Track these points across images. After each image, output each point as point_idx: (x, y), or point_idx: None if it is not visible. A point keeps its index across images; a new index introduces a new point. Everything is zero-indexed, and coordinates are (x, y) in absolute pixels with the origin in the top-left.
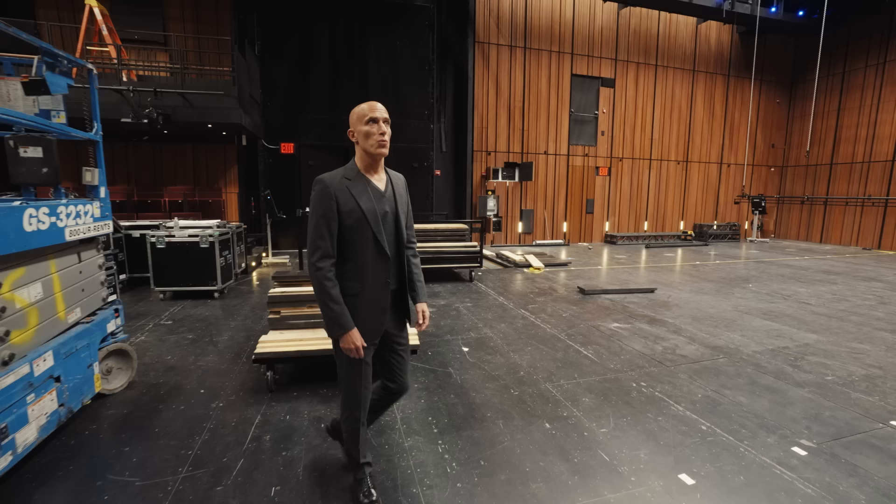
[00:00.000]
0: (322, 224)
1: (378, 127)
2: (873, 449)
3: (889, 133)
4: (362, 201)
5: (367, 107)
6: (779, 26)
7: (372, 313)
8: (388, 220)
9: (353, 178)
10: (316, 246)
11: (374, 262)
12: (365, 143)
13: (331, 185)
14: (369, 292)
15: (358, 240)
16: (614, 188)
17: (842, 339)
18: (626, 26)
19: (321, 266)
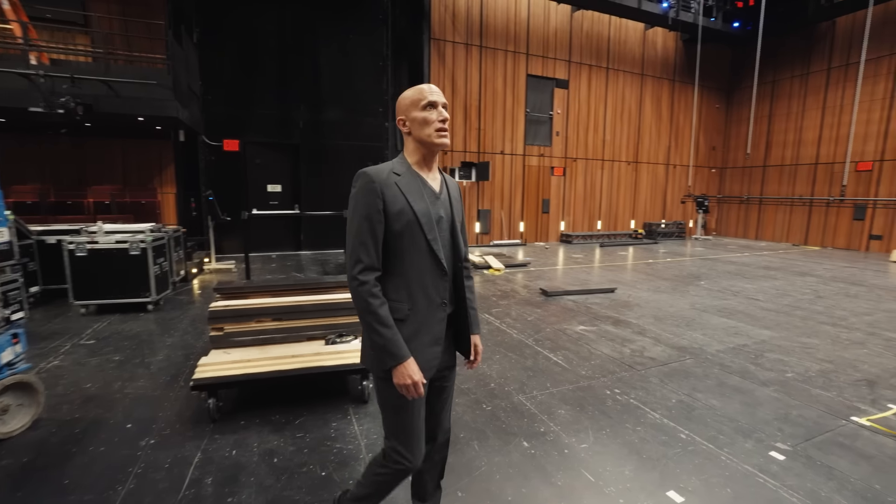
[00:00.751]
0: (365, 228)
1: (438, 112)
2: (842, 448)
3: (812, 138)
4: (415, 201)
5: (422, 90)
6: (717, 36)
7: (424, 343)
8: (444, 227)
9: (404, 173)
10: (357, 256)
11: (428, 278)
12: (421, 133)
13: (377, 179)
14: (421, 316)
15: (408, 249)
16: (569, 188)
17: (792, 334)
18: (579, 29)
19: (365, 280)
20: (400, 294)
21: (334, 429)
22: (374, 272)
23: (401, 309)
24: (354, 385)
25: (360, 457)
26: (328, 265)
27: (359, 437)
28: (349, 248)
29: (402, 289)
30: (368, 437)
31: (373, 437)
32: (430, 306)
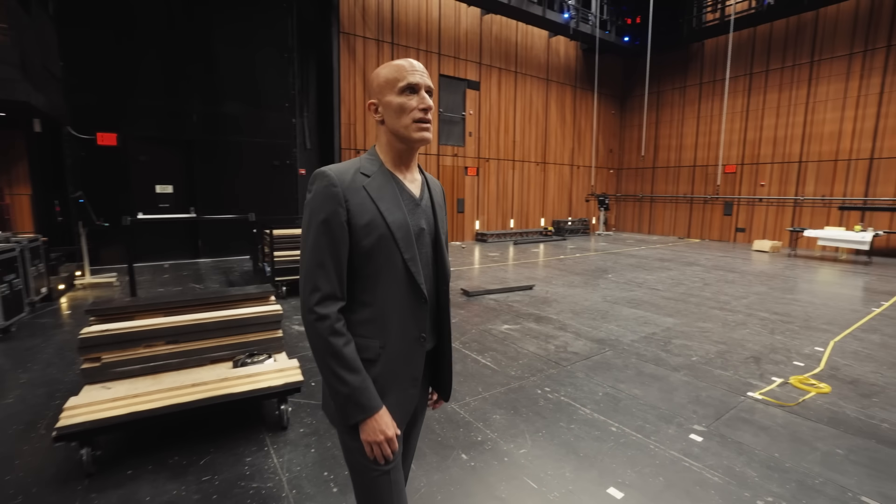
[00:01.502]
0: (323, 245)
1: (419, 98)
2: (745, 423)
3: (691, 144)
4: (389, 210)
5: (401, 67)
6: (611, 48)
7: (399, 386)
8: (425, 241)
9: (375, 174)
10: (314, 283)
11: (405, 308)
12: (396, 123)
13: (339, 181)
14: (396, 354)
15: (379, 271)
16: (483, 188)
17: (690, 319)
18: (488, 32)
19: (324, 313)
20: (369, 328)
21: (249, 465)
22: (337, 302)
23: (370, 346)
24: (271, 410)
25: (282, 495)
26: (232, 274)
27: (279, 470)
28: (304, 271)
29: (373, 321)
30: (291, 470)
31: (296, 470)
32: (406, 342)
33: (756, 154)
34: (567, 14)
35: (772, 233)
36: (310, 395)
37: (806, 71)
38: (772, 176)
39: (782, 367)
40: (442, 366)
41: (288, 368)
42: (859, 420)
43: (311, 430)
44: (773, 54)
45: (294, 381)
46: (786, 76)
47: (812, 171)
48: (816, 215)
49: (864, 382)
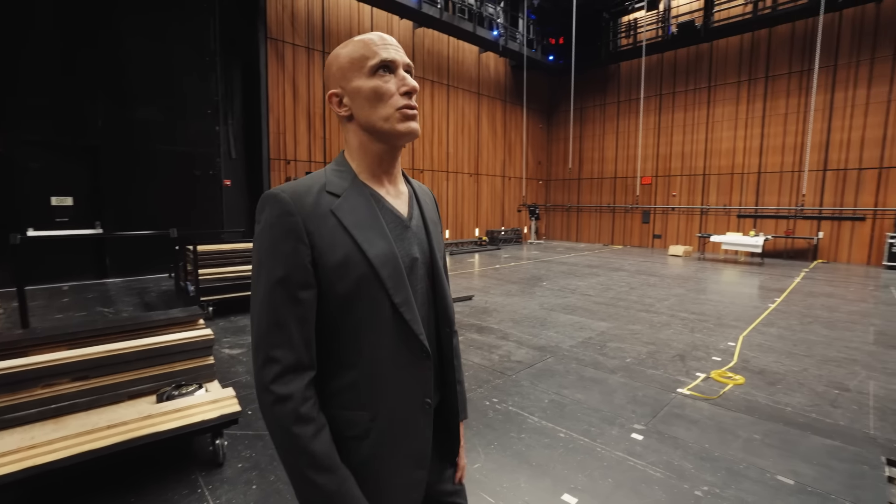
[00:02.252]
0: (279, 300)
1: (399, 79)
2: (678, 418)
3: (611, 157)
4: (369, 241)
5: (369, 42)
6: (538, 65)
7: (400, 470)
8: (419, 274)
9: (347, 192)
10: (267, 351)
11: (400, 366)
12: (372, 114)
13: (297, 208)
14: (391, 428)
15: (363, 322)
16: None
17: (621, 322)
18: (421, 45)
19: (284, 393)
20: (354, 396)
21: None
22: (301, 374)
23: (357, 421)
24: (204, 446)
25: None
26: (148, 294)
27: None
28: (255, 334)
29: (358, 387)
30: None
31: None
32: (405, 410)
33: (668, 167)
34: (496, 31)
35: (684, 238)
36: (247, 426)
37: (705, 94)
38: (681, 187)
39: (703, 363)
40: (449, 429)
41: (222, 399)
42: (769, 406)
43: (250, 465)
44: (678, 78)
45: (230, 412)
46: (689, 98)
47: (714, 183)
48: (719, 222)
49: (769, 371)
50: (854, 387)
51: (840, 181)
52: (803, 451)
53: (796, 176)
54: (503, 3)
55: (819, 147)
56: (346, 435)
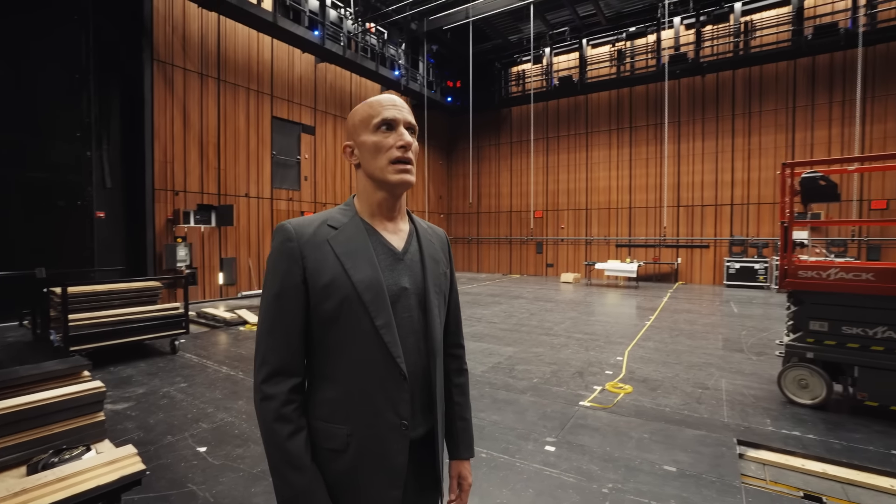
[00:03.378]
0: (274, 311)
1: (397, 135)
2: (582, 428)
3: (507, 192)
4: (355, 268)
5: (375, 103)
6: (437, 105)
7: (374, 487)
8: (408, 303)
9: (345, 226)
10: (262, 355)
11: (378, 387)
12: (372, 165)
13: (297, 236)
14: (368, 446)
15: (346, 341)
16: None
17: (525, 346)
18: (323, 79)
19: (270, 393)
20: (335, 411)
21: None
22: (288, 379)
23: (336, 434)
24: None
25: None
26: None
27: None
28: (256, 339)
29: (339, 403)
30: None
31: None
32: (381, 429)
33: (556, 202)
34: (398, 72)
35: (573, 266)
36: (147, 487)
37: (584, 139)
38: (569, 220)
39: (598, 377)
40: (433, 460)
41: (121, 458)
42: (653, 409)
43: None
44: (561, 124)
45: (132, 471)
46: (571, 141)
47: (595, 216)
48: (601, 251)
49: (651, 379)
50: (711, 385)
51: (690, 215)
52: (680, 442)
53: (658, 211)
54: (404, 46)
55: (673, 187)
56: (326, 447)
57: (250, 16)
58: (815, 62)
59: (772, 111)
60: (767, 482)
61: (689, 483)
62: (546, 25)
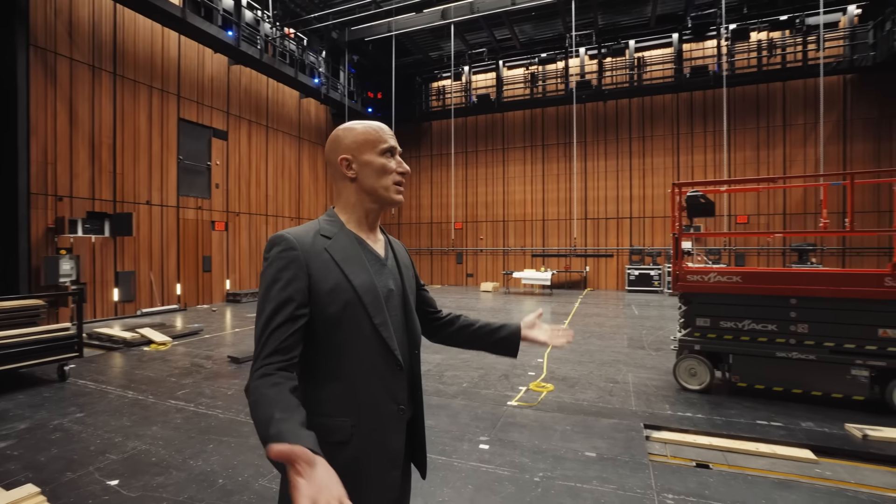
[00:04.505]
0: (281, 315)
1: (398, 162)
2: (512, 425)
3: (428, 204)
4: (354, 273)
5: (380, 130)
6: (359, 116)
7: (378, 470)
8: (394, 303)
9: (337, 236)
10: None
11: (379, 378)
12: (376, 183)
13: (300, 245)
14: (371, 433)
15: (348, 341)
16: (233, 243)
17: (453, 353)
18: (237, 83)
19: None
20: (338, 405)
21: None
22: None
23: (341, 427)
24: None
25: None
26: None
27: None
28: (256, 341)
29: (342, 397)
30: None
31: None
32: (383, 416)
33: (476, 214)
34: (318, 79)
35: (492, 276)
36: None
37: (500, 154)
38: (487, 231)
39: (522, 378)
40: (418, 438)
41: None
42: (572, 403)
43: None
44: (480, 139)
45: None
46: (489, 156)
47: (512, 228)
48: (518, 261)
49: (569, 377)
50: (620, 379)
51: (596, 227)
52: (598, 430)
53: (568, 223)
54: (325, 54)
55: (581, 201)
56: (331, 440)
57: (155, 8)
58: (693, 97)
59: (661, 136)
60: (668, 457)
61: (607, 465)
62: (465, 45)
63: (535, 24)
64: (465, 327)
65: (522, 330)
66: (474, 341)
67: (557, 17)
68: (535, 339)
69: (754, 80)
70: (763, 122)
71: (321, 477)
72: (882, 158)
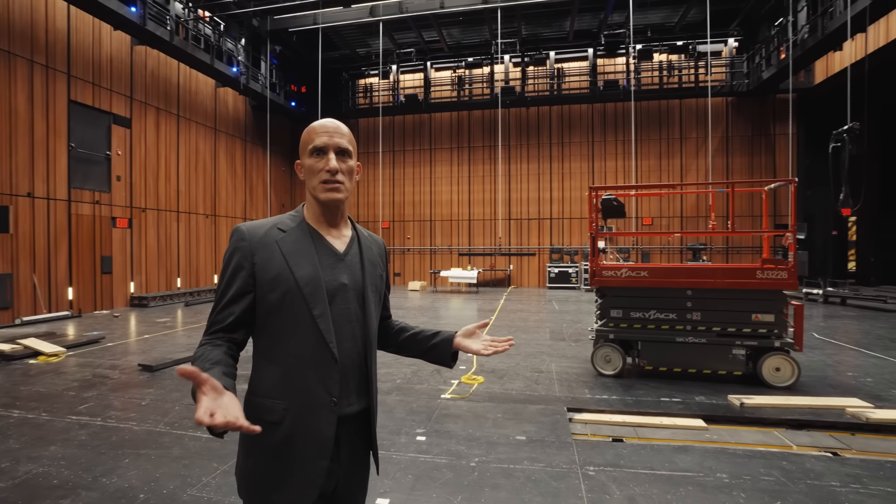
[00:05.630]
0: (225, 298)
1: (326, 160)
2: (447, 416)
3: (354, 202)
4: (298, 265)
5: (311, 129)
6: (281, 109)
7: (303, 456)
8: (347, 298)
9: (292, 229)
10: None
11: (311, 368)
12: (309, 184)
13: (249, 237)
14: (300, 419)
15: (287, 327)
16: (139, 243)
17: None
18: (142, 65)
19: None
20: (275, 388)
21: None
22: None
23: (275, 408)
24: None
25: None
26: None
27: None
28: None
29: (277, 381)
30: None
31: None
32: (313, 405)
33: (403, 213)
34: (236, 68)
35: (419, 275)
36: None
37: (428, 154)
38: (414, 231)
39: (454, 372)
40: (369, 432)
41: None
42: (502, 393)
43: None
44: (407, 139)
45: None
46: (416, 156)
47: (439, 228)
48: (445, 260)
49: (498, 370)
50: (545, 369)
51: (519, 227)
52: (527, 416)
53: (493, 223)
54: (244, 42)
55: (506, 202)
56: (265, 419)
57: None
58: (605, 108)
59: (578, 143)
60: (589, 435)
61: (536, 446)
62: (394, 44)
63: (463, 29)
64: (398, 332)
65: (456, 338)
66: (407, 347)
67: (484, 23)
68: (467, 349)
69: (656, 96)
70: (664, 135)
71: (224, 400)
72: (755, 171)
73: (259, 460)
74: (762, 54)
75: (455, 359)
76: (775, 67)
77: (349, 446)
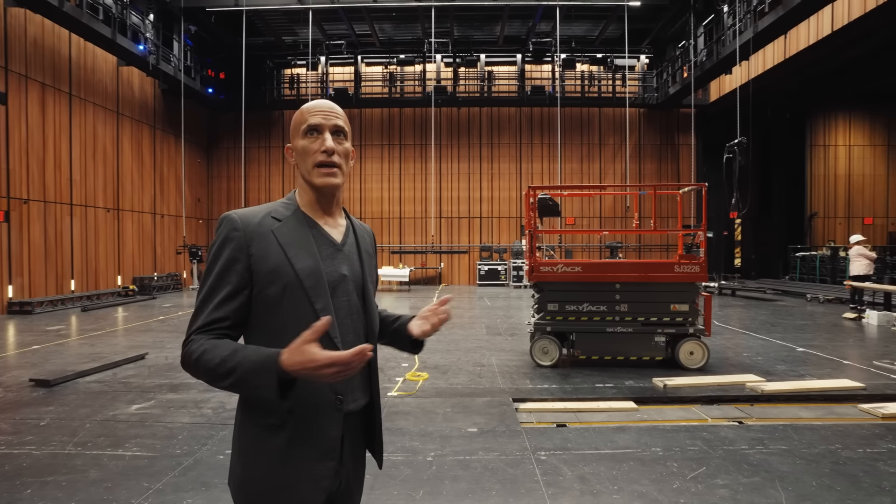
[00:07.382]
0: (217, 293)
1: (321, 140)
2: (396, 414)
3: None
4: (297, 257)
5: (306, 107)
6: (196, 95)
7: (308, 458)
8: (347, 290)
9: (287, 218)
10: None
11: None
12: (301, 167)
13: (243, 226)
14: (304, 420)
15: (288, 323)
16: (19, 239)
17: None
18: (21, 31)
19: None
20: None
21: None
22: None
23: (276, 411)
24: None
25: None
26: None
27: None
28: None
29: None
30: None
31: None
32: (318, 405)
33: None
34: (143, 46)
35: None
36: None
37: (357, 151)
38: None
39: (398, 370)
40: (375, 427)
41: None
42: (448, 388)
43: None
44: None
45: None
46: None
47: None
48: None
49: (441, 365)
50: (486, 362)
51: (450, 226)
52: (475, 408)
53: (425, 221)
54: (153, 18)
55: (437, 201)
56: (265, 423)
57: None
58: (532, 112)
59: (507, 144)
60: (535, 423)
61: (488, 436)
62: (323, 35)
63: (396, 25)
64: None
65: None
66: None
67: (417, 21)
68: (409, 332)
69: (579, 103)
70: (586, 140)
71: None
72: (662, 176)
73: (262, 469)
74: (669, 71)
75: (417, 346)
76: (679, 84)
77: (351, 444)
